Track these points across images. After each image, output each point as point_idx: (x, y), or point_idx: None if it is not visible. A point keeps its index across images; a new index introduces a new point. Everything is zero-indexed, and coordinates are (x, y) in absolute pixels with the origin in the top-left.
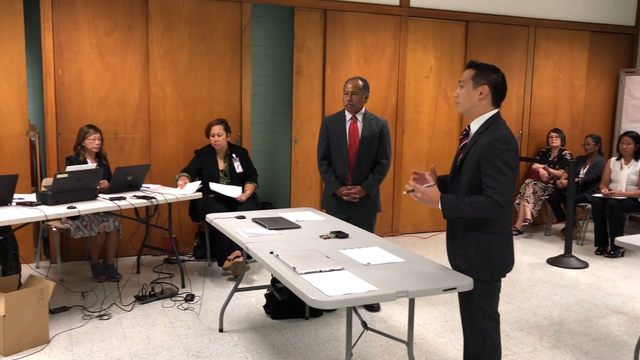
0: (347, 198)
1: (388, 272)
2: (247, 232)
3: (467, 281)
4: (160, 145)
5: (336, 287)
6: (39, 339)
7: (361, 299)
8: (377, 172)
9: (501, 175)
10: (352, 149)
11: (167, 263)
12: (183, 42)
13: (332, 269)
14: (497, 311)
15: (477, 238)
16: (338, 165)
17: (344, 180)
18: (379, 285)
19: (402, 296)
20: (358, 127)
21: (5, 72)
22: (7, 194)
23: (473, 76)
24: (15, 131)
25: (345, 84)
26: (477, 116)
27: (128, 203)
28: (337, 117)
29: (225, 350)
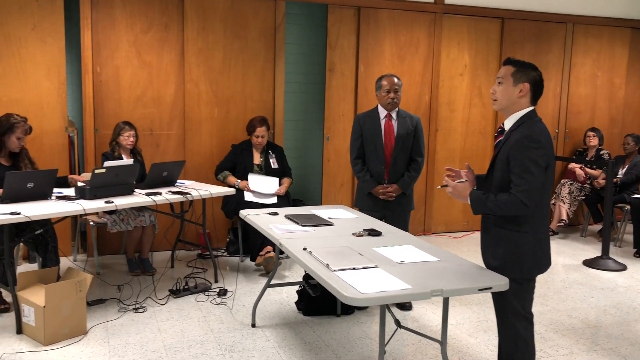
0: (384, 197)
1: (422, 270)
2: (280, 228)
3: (502, 281)
4: (194, 142)
5: (370, 284)
6: (76, 330)
7: (395, 297)
8: (412, 169)
9: (527, 174)
10: (387, 147)
11: (201, 258)
12: (218, 40)
13: (366, 266)
14: (530, 311)
15: (507, 236)
16: (373, 164)
17: (380, 179)
18: (413, 283)
19: (436, 295)
20: (393, 125)
21: (46, 69)
22: (47, 188)
23: (513, 73)
24: (55, 127)
25: (379, 81)
26: (513, 114)
27: (164, 198)
28: (370, 115)
29: (257, 346)
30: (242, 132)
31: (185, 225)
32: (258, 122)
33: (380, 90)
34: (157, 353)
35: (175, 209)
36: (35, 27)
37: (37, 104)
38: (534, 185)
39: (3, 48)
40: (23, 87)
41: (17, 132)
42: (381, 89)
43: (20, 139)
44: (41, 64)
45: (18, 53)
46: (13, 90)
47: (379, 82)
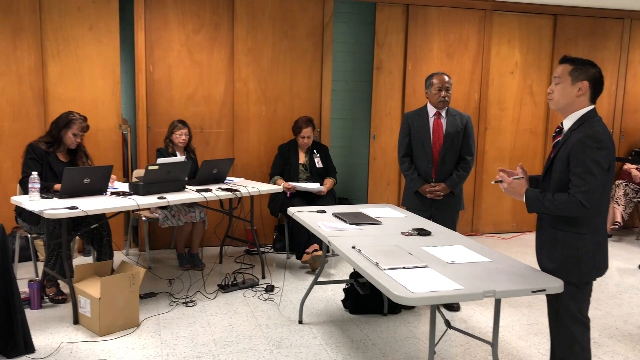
0: (431, 196)
1: (473, 271)
2: (328, 226)
3: (557, 283)
4: (242, 139)
5: (421, 284)
6: (129, 322)
7: (446, 297)
8: (461, 168)
9: (589, 175)
10: (436, 145)
11: (248, 254)
12: (266, 39)
13: (416, 266)
14: (587, 315)
15: (565, 238)
16: (421, 163)
17: (428, 177)
18: (464, 284)
19: (488, 296)
20: (442, 123)
21: (101, 69)
22: (102, 184)
23: (571, 71)
24: (109, 125)
25: (430, 79)
26: (572, 113)
27: (214, 195)
28: (418, 113)
29: (304, 342)
30: (289, 130)
31: (233, 221)
32: (304, 123)
33: (431, 88)
34: (206, 347)
35: (224, 205)
36: (92, 27)
37: (93, 102)
38: (594, 186)
39: (62, 48)
40: (80, 86)
41: (73, 129)
42: (432, 87)
43: (76, 136)
44: (97, 63)
45: (75, 53)
46: (70, 89)
47: (429, 80)
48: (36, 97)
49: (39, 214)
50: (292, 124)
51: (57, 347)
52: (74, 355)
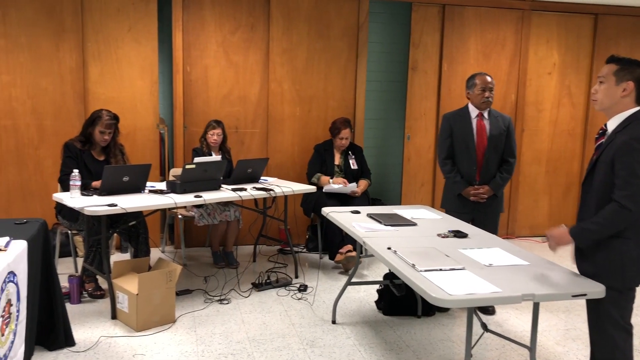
0: (475, 198)
1: (511, 274)
2: (363, 226)
3: (598, 288)
4: (277, 139)
5: (458, 286)
6: (166, 318)
7: (484, 300)
8: (504, 171)
9: (634, 178)
10: (479, 147)
11: (281, 253)
12: (302, 39)
13: (453, 268)
14: (629, 322)
15: (607, 242)
16: (464, 165)
17: (471, 180)
18: (502, 287)
19: (527, 300)
20: (485, 125)
21: (140, 69)
22: (141, 182)
23: (616, 71)
24: (147, 124)
25: (472, 79)
26: (616, 114)
27: (249, 194)
28: (460, 114)
29: (338, 342)
30: (323, 130)
31: (267, 220)
32: (342, 124)
33: (474, 88)
34: (241, 344)
35: (259, 204)
36: (131, 29)
37: (131, 102)
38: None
39: (102, 49)
40: (119, 86)
41: (99, 126)
42: (475, 88)
43: (103, 133)
44: (135, 64)
45: (115, 54)
46: (110, 89)
47: (471, 80)
48: (77, 97)
49: (80, 210)
50: (326, 124)
51: (96, 341)
52: (112, 349)
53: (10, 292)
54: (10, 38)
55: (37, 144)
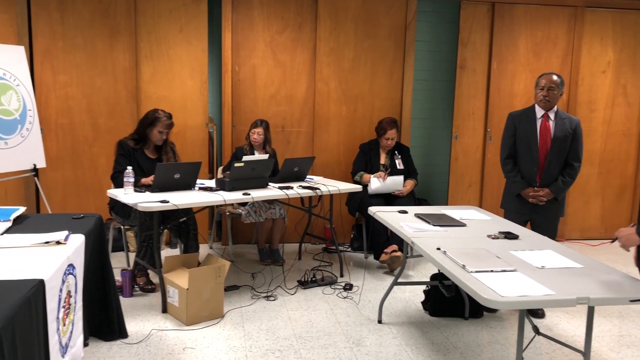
0: (534, 200)
1: (565, 277)
2: (411, 226)
3: None
4: (322, 139)
5: (510, 288)
6: (215, 313)
7: (537, 302)
8: (567, 174)
9: None
10: (542, 149)
11: (326, 252)
12: (349, 38)
13: (504, 269)
14: None
15: None
16: (525, 165)
17: (531, 181)
18: (556, 289)
19: (582, 303)
20: (550, 126)
21: (191, 69)
22: (191, 179)
23: None
24: (197, 123)
25: (538, 79)
26: None
27: (295, 192)
28: (525, 113)
29: (384, 342)
30: (369, 130)
31: (312, 219)
32: (388, 125)
33: (536, 87)
34: (288, 340)
35: (305, 203)
36: (182, 29)
37: (182, 101)
38: None
39: (154, 49)
40: (170, 86)
41: (158, 126)
42: (537, 87)
43: (161, 133)
44: (186, 64)
45: (167, 54)
46: (161, 88)
47: (537, 79)
48: (130, 96)
49: (133, 206)
50: (371, 123)
51: (148, 333)
52: (163, 342)
53: (70, 284)
54: (67, 39)
55: (91, 142)
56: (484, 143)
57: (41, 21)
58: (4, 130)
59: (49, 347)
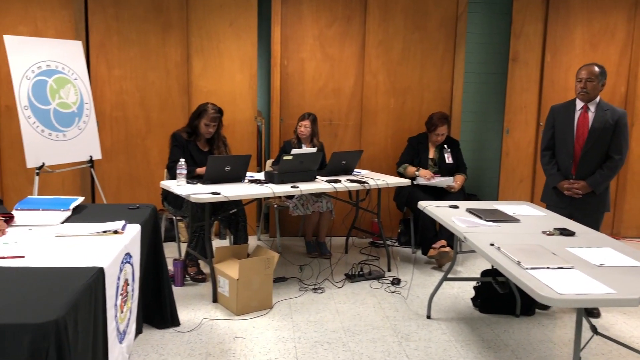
0: (569, 193)
1: (626, 275)
2: (463, 221)
3: None
4: (370, 132)
5: (567, 285)
6: (264, 304)
7: (597, 301)
8: (606, 167)
9: None
10: (579, 140)
11: (373, 246)
12: (398, 31)
13: (561, 266)
14: None
15: None
16: (562, 157)
17: (567, 173)
18: (616, 288)
19: None
20: (589, 117)
21: (240, 63)
22: (241, 172)
23: None
24: (246, 116)
25: (578, 71)
26: None
27: (343, 186)
28: (566, 106)
29: (433, 337)
30: (418, 123)
31: (359, 213)
32: (439, 121)
33: (576, 79)
34: (336, 333)
35: (352, 196)
36: (232, 23)
37: (231, 95)
38: None
39: (205, 43)
40: (220, 79)
41: (205, 119)
42: (576, 78)
43: (208, 125)
44: (236, 58)
45: (217, 48)
46: (211, 82)
47: (578, 71)
48: (181, 90)
49: (186, 197)
50: (420, 116)
51: (199, 322)
52: (214, 331)
53: (128, 272)
54: (122, 34)
55: (144, 135)
56: (536, 137)
57: (97, 17)
58: (62, 123)
59: (107, 333)
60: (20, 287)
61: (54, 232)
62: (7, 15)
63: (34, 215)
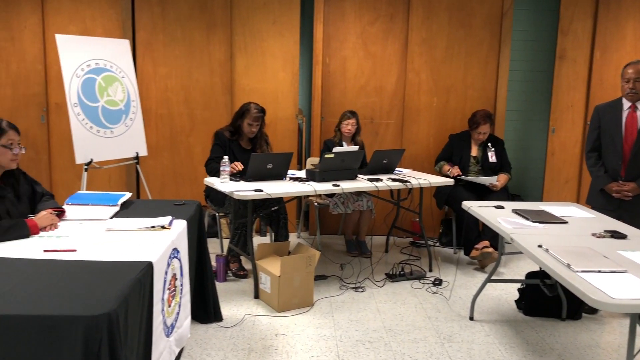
0: (618, 195)
1: None
2: (510, 222)
3: None
4: (412, 130)
5: (621, 289)
6: (305, 301)
7: None
8: None
9: None
10: (627, 141)
11: (413, 246)
12: (442, 28)
13: (613, 270)
14: None
15: None
16: (609, 159)
17: (616, 175)
18: None
19: None
20: (637, 116)
21: (283, 61)
22: (283, 170)
23: None
24: (287, 114)
25: (624, 69)
26: None
27: (385, 185)
28: (611, 105)
29: (476, 339)
30: (461, 121)
31: (400, 212)
32: (482, 119)
33: (622, 78)
34: (377, 332)
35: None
36: (275, 22)
37: (273, 93)
38: None
39: (248, 42)
40: (262, 78)
41: (248, 118)
42: (622, 78)
43: (251, 125)
44: (278, 56)
45: (260, 46)
46: (254, 80)
47: (623, 69)
48: (224, 88)
49: (229, 194)
50: (464, 115)
51: (242, 318)
52: (256, 327)
53: (175, 267)
54: (167, 33)
55: (188, 132)
56: (584, 137)
57: (144, 15)
58: (110, 120)
59: (152, 327)
60: (73, 280)
61: (104, 226)
62: (58, 15)
63: (84, 210)
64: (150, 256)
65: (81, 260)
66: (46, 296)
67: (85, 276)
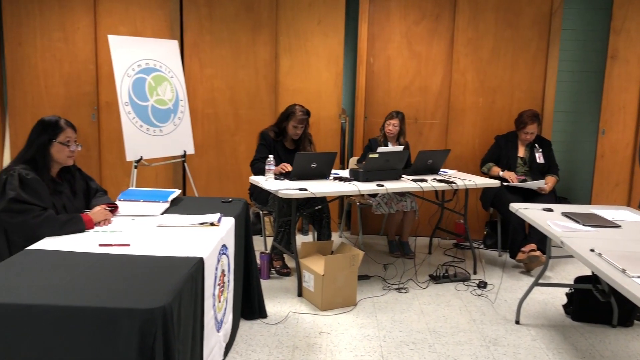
0: None
1: None
2: (559, 225)
3: None
4: (457, 131)
5: None
6: (348, 300)
7: None
8: None
9: None
10: None
11: (457, 247)
12: (488, 28)
13: None
14: None
15: None
16: None
17: None
18: None
19: None
20: None
21: (326, 61)
22: (326, 169)
23: None
24: (330, 114)
25: None
26: None
27: (430, 185)
28: None
29: (523, 343)
30: (507, 122)
31: (444, 213)
32: (529, 119)
33: None
34: (421, 334)
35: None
36: (320, 22)
37: (316, 93)
38: None
39: (293, 42)
40: (306, 78)
41: (293, 121)
42: None
43: (296, 127)
44: (323, 56)
45: (304, 46)
46: (298, 80)
47: None
48: (269, 88)
49: (274, 193)
50: (510, 116)
51: (285, 315)
52: (299, 325)
53: (224, 263)
54: (214, 34)
55: (233, 131)
56: (636, 139)
57: (191, 16)
58: (159, 119)
59: (204, 322)
60: (128, 274)
61: (155, 222)
62: (110, 16)
63: (135, 206)
64: (201, 252)
65: (135, 255)
66: (103, 289)
67: (139, 270)
